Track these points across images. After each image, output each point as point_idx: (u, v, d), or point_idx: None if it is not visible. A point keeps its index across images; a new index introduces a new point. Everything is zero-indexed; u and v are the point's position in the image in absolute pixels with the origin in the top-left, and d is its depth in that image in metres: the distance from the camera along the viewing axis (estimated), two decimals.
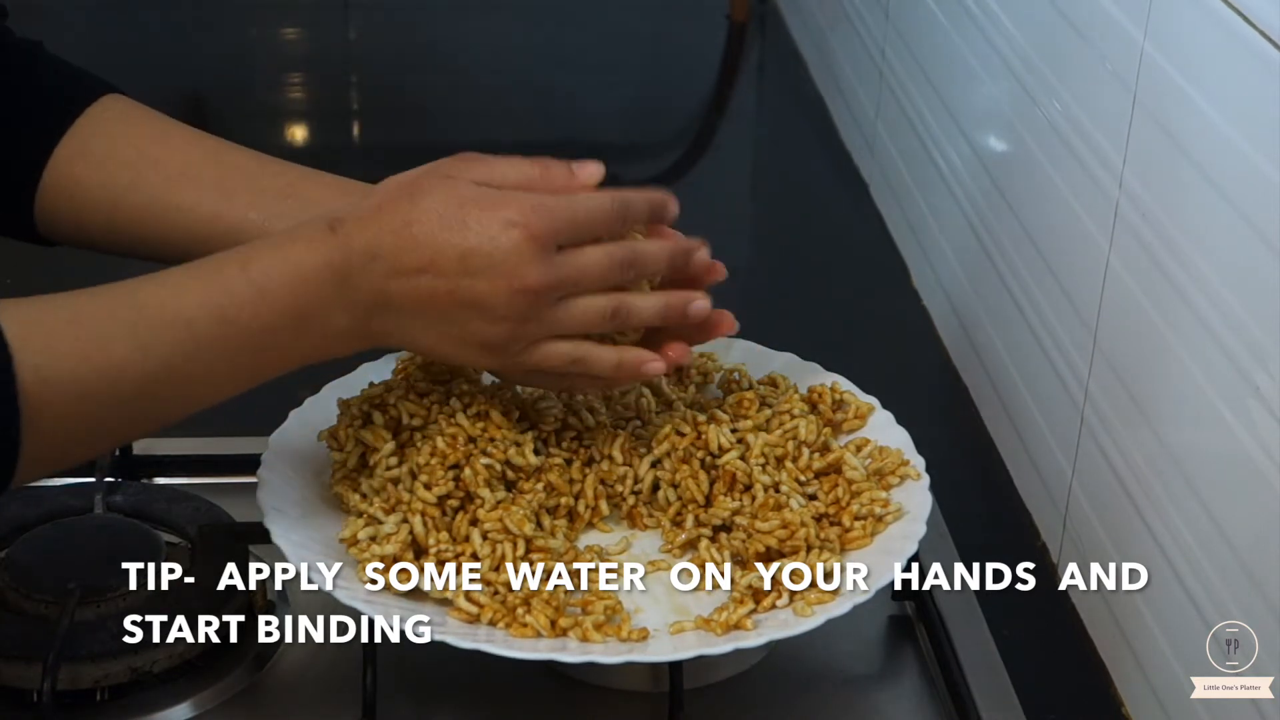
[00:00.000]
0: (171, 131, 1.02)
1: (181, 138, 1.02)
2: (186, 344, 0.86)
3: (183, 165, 1.00)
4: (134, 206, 0.99)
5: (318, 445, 1.00)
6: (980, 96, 1.38)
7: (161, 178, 0.99)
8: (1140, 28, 1.03)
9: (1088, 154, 1.12)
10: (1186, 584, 0.96)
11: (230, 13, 2.22)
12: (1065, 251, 1.17)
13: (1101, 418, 1.09)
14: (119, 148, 1.00)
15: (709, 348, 1.11)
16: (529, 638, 0.90)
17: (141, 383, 0.85)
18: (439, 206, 0.89)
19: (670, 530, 1.00)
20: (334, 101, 2.10)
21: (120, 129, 1.01)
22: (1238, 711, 0.90)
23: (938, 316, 1.48)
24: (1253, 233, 0.89)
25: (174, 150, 1.01)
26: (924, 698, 0.99)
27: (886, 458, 1.03)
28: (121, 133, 1.01)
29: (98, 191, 0.99)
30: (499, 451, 0.97)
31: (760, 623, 0.92)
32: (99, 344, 0.84)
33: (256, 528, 0.96)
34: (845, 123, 1.84)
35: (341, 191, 0.99)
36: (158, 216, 0.99)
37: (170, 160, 1.00)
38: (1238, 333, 0.91)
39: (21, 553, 1.01)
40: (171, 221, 0.99)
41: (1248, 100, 0.91)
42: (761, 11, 2.21)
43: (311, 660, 0.99)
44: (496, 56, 2.14)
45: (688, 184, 1.85)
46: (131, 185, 0.99)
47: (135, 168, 0.99)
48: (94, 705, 0.95)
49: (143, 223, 0.99)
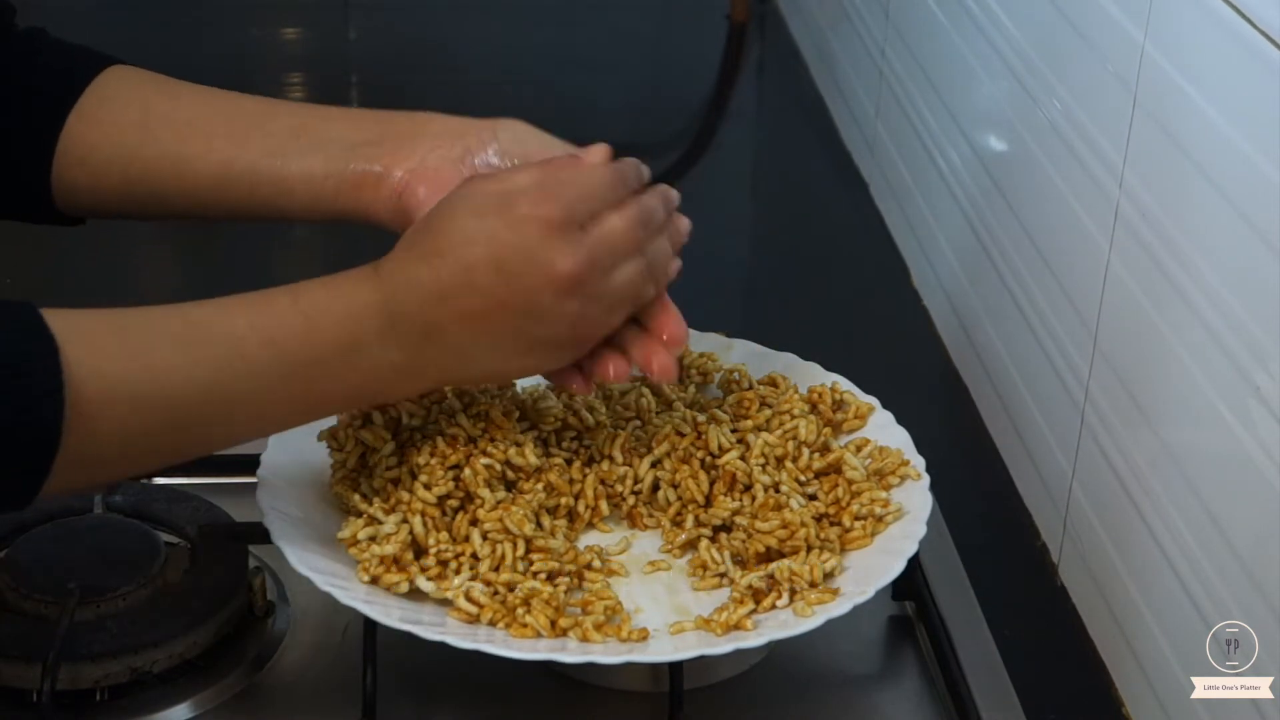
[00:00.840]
0: (179, 89, 1.02)
1: (189, 93, 1.02)
2: (234, 362, 0.85)
3: (190, 117, 1.00)
4: (147, 161, 0.99)
5: (318, 445, 1.00)
6: (980, 96, 1.38)
7: (170, 132, 0.99)
8: (1140, 28, 1.03)
9: (1088, 154, 1.12)
10: (1186, 584, 0.96)
11: (230, 13, 2.22)
12: (1065, 251, 1.17)
13: (1101, 418, 1.09)
14: (127, 110, 1.00)
15: (709, 348, 1.11)
16: (529, 638, 0.90)
17: (187, 392, 0.84)
18: (460, 223, 0.89)
19: (670, 530, 1.00)
20: (334, 101, 2.09)
21: (126, 93, 1.01)
22: (1238, 711, 0.90)
23: (938, 316, 1.48)
24: (1253, 233, 0.89)
25: (181, 105, 1.01)
26: (924, 698, 0.99)
27: (886, 458, 1.03)
28: (128, 96, 1.01)
29: (110, 152, 0.99)
30: (499, 451, 0.97)
31: (760, 623, 0.92)
32: (145, 348, 0.83)
33: (256, 528, 0.96)
34: (845, 123, 1.84)
35: (353, 122, 0.99)
36: (171, 169, 0.99)
37: (177, 114, 1.00)
38: (1238, 333, 0.91)
39: (21, 553, 1.01)
40: (185, 172, 0.99)
41: (1248, 100, 0.91)
42: (761, 11, 2.21)
43: (311, 660, 0.99)
44: (496, 56, 2.14)
45: (688, 184, 1.85)
46: (142, 143, 0.99)
47: (144, 126, 1.00)
48: (94, 705, 0.95)
49: (158, 177, 0.99)
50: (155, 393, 0.83)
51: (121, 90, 1.01)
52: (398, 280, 0.88)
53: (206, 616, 0.98)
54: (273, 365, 0.86)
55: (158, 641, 0.95)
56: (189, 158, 0.99)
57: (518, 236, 0.88)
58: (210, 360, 0.85)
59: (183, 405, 0.85)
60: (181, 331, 0.85)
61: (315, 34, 2.27)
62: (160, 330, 0.85)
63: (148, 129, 1.00)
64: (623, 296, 0.92)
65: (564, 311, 0.89)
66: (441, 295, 0.88)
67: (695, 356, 1.10)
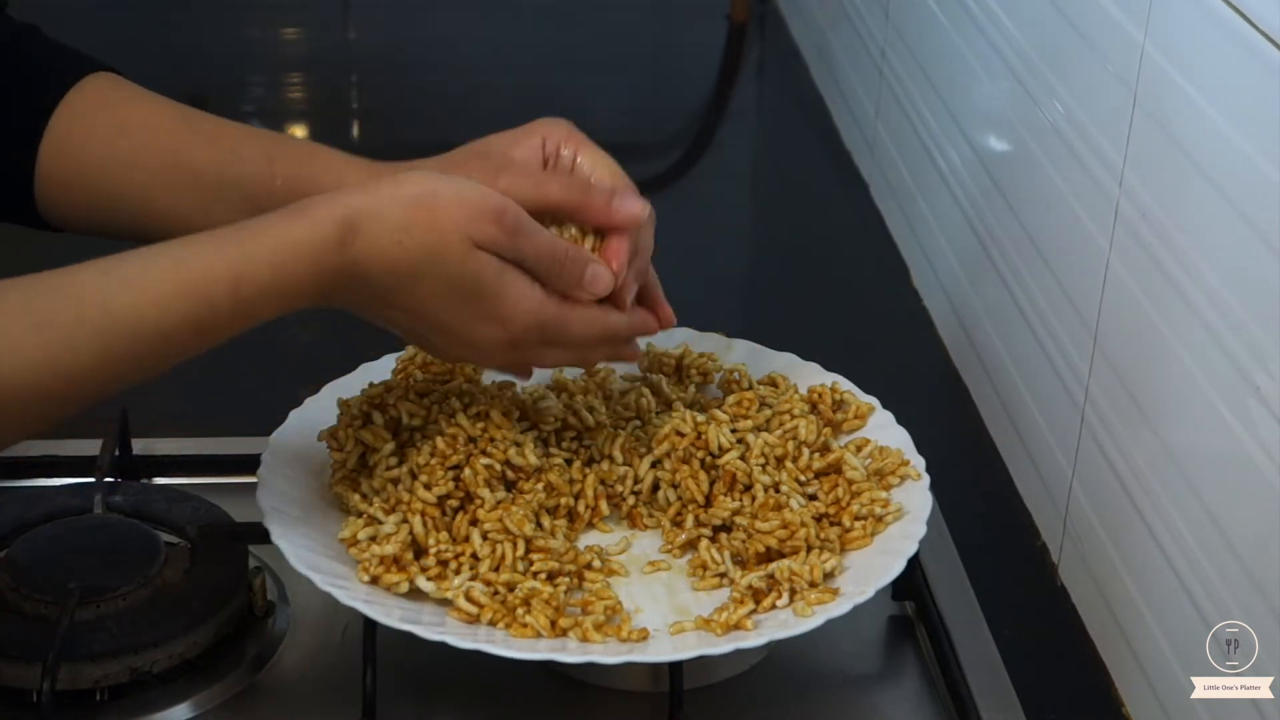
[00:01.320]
0: (160, 108, 1.00)
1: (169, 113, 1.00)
2: (159, 352, 0.84)
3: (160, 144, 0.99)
4: (116, 184, 0.98)
5: (318, 445, 1.00)
6: (980, 96, 1.38)
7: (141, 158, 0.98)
8: (1140, 28, 1.03)
9: (1088, 154, 1.12)
10: (1186, 584, 0.96)
11: (230, 13, 2.22)
12: (1065, 251, 1.17)
13: (1101, 418, 1.09)
14: (100, 123, 0.99)
15: (709, 348, 1.11)
16: (529, 638, 0.90)
17: (104, 383, 0.83)
18: (446, 282, 0.89)
19: (670, 530, 1.00)
20: (334, 101, 2.10)
21: (102, 107, 0.99)
22: (1238, 711, 0.90)
23: (938, 316, 1.48)
24: (1253, 233, 0.89)
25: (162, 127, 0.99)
26: (924, 698, 0.99)
27: (886, 458, 1.03)
28: (105, 107, 0.99)
29: (80, 164, 0.98)
30: (499, 451, 0.97)
31: (760, 623, 0.92)
32: (65, 350, 0.81)
33: (256, 528, 0.96)
34: (845, 123, 1.83)
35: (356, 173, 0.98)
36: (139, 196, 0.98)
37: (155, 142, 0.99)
38: (1238, 333, 0.91)
39: (21, 553, 1.01)
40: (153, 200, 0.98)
41: (1248, 100, 0.91)
42: (761, 11, 2.21)
43: (311, 660, 0.99)
44: (496, 56, 2.14)
45: (688, 184, 1.85)
46: (110, 165, 0.98)
47: (112, 145, 0.98)
48: (94, 705, 0.95)
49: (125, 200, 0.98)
50: (74, 391, 0.82)
51: (96, 104, 0.99)
52: (360, 269, 0.87)
53: (206, 616, 0.97)
54: (197, 345, 0.85)
55: (158, 641, 0.95)
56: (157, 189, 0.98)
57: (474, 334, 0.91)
58: (135, 354, 0.83)
59: (98, 393, 0.84)
60: (105, 327, 0.82)
61: (315, 34, 2.27)
62: (80, 325, 0.82)
63: (117, 148, 0.98)
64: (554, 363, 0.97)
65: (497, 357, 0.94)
66: (387, 303, 0.89)
67: (695, 356, 1.10)
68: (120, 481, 1.09)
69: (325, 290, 0.87)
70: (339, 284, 0.87)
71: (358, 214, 0.87)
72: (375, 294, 0.89)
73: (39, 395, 0.81)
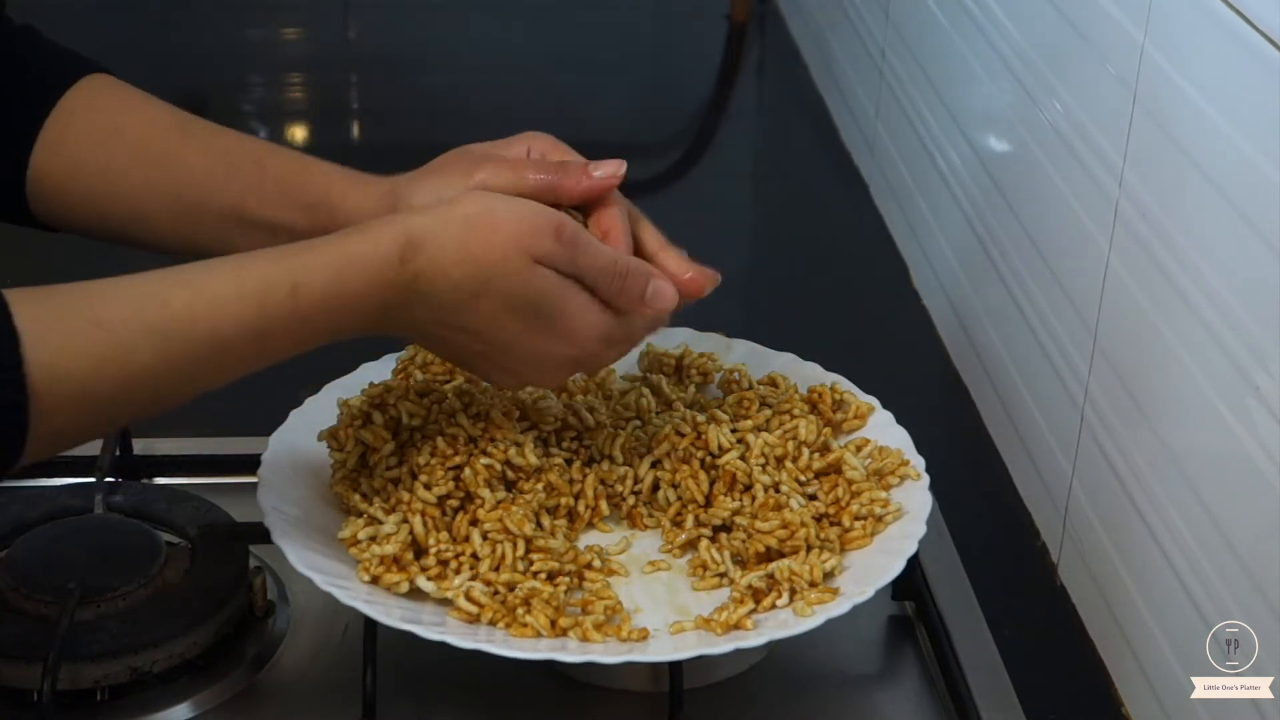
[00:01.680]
0: (156, 113, 1.00)
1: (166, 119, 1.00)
2: (214, 359, 0.84)
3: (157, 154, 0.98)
4: (109, 183, 0.98)
5: (318, 445, 1.00)
6: (980, 96, 1.38)
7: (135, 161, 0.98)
8: (1140, 28, 1.03)
9: (1088, 154, 1.12)
10: (1186, 584, 0.96)
11: (230, 13, 2.22)
12: (1065, 251, 1.17)
13: (1101, 418, 1.09)
14: (94, 125, 0.98)
15: (709, 348, 1.11)
16: (529, 638, 0.90)
17: (161, 387, 0.83)
18: (507, 299, 0.88)
19: (670, 530, 1.00)
20: (334, 101, 2.10)
21: (96, 110, 0.99)
22: (1238, 711, 0.90)
23: (938, 316, 1.48)
24: (1253, 233, 0.89)
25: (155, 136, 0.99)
26: (924, 698, 0.99)
27: (886, 458, 1.03)
28: (99, 110, 0.99)
29: (72, 166, 0.98)
30: (499, 451, 0.97)
31: (760, 623, 0.92)
32: (120, 350, 0.81)
33: (256, 528, 0.96)
34: (845, 123, 1.84)
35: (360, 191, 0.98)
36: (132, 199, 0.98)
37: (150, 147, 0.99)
38: (1238, 333, 0.91)
39: (21, 553, 1.01)
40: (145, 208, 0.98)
41: (1248, 100, 0.91)
42: (761, 11, 2.21)
43: (311, 660, 0.99)
44: (496, 56, 2.15)
45: (688, 184, 1.85)
46: (106, 166, 0.98)
47: (107, 148, 0.98)
48: (94, 705, 0.95)
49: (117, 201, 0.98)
50: (128, 397, 0.82)
51: (91, 107, 0.99)
52: (423, 287, 0.87)
53: (206, 616, 0.97)
54: (255, 357, 0.85)
55: (158, 641, 0.95)
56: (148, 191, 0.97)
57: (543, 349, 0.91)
58: (190, 359, 0.83)
59: (151, 400, 0.83)
60: (162, 326, 0.82)
61: (315, 34, 2.27)
62: (139, 326, 0.82)
63: (110, 152, 0.98)
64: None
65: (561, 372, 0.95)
66: (449, 325, 0.89)
67: (695, 356, 1.10)
68: (121, 481, 1.09)
69: (385, 307, 0.87)
70: (399, 302, 0.87)
71: (419, 231, 0.87)
72: (435, 314, 0.88)
73: (96, 394, 0.81)
